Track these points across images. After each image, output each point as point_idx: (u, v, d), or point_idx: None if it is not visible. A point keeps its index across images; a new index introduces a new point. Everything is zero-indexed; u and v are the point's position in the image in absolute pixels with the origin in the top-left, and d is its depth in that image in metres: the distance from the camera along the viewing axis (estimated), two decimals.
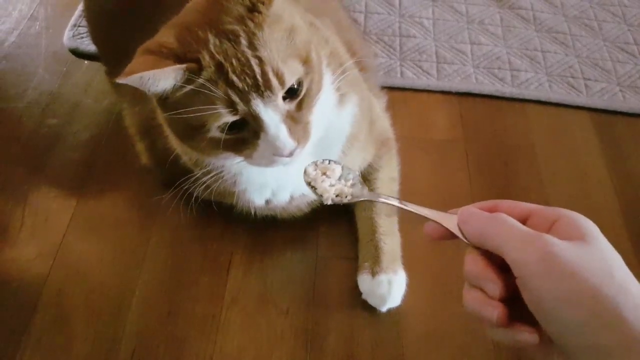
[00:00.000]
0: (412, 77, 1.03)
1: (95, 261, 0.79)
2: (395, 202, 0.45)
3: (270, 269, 0.78)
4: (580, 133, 0.97)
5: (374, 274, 0.73)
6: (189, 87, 0.52)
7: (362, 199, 0.50)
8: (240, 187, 0.69)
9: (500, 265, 0.37)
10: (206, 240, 0.81)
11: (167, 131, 0.67)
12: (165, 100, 0.55)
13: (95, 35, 0.97)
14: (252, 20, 0.52)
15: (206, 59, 0.52)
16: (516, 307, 0.36)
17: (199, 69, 0.52)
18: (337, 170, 0.51)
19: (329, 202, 0.50)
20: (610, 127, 0.98)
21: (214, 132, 0.54)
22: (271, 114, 0.53)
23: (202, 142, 0.56)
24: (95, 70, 1.02)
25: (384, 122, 0.87)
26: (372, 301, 0.74)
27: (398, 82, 1.02)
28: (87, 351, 0.70)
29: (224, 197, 0.76)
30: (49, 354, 0.70)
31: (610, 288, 0.32)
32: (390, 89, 0.99)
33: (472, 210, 0.39)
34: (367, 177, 0.81)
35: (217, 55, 0.51)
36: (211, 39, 0.52)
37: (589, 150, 0.94)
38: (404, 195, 0.82)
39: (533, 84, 1.03)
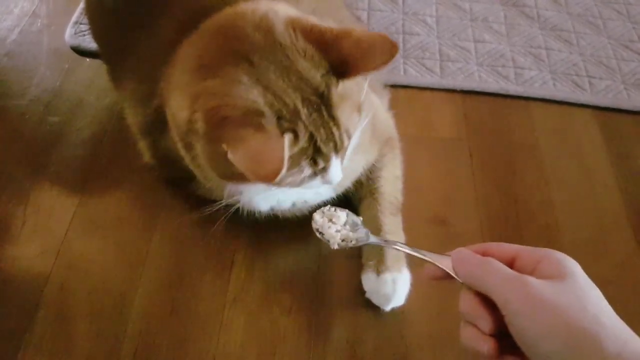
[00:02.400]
0: (415, 75, 1.02)
1: (97, 259, 0.78)
2: (397, 247, 0.51)
3: (273, 267, 0.78)
4: (584, 131, 0.96)
5: (378, 272, 0.73)
6: None
7: (365, 243, 0.55)
8: (249, 195, 0.70)
9: (492, 306, 0.41)
10: (209, 239, 0.80)
11: (203, 167, 0.66)
12: None
13: (96, 33, 0.97)
14: (329, 93, 0.56)
15: (302, 131, 0.55)
16: (508, 343, 0.39)
17: (294, 139, 0.55)
18: (342, 217, 0.56)
19: (335, 247, 0.55)
20: (615, 125, 0.97)
21: (288, 180, 0.58)
22: (337, 163, 0.60)
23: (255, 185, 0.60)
24: (97, 68, 1.01)
25: (387, 122, 0.87)
26: (376, 300, 0.73)
27: (401, 80, 1.01)
28: (89, 349, 0.70)
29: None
30: (51, 352, 0.70)
31: (584, 321, 0.36)
32: (393, 87, 0.98)
33: (465, 254, 0.43)
34: (370, 176, 0.80)
35: (309, 126, 0.56)
36: (301, 108, 0.55)
37: (593, 148, 0.94)
38: (407, 193, 0.82)
39: (537, 82, 1.02)
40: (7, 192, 0.85)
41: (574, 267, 0.39)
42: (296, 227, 0.80)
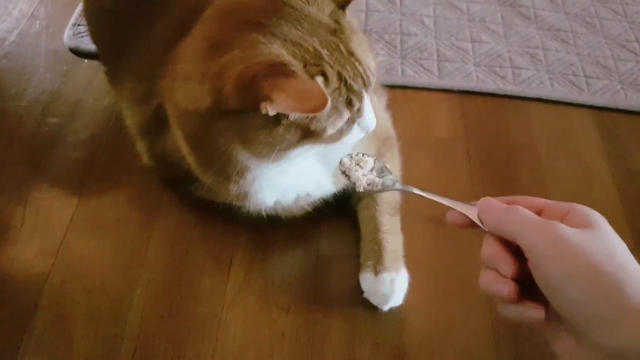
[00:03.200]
0: (413, 76, 1.03)
1: (96, 260, 0.79)
2: (424, 194, 0.51)
3: (272, 268, 0.78)
4: (581, 131, 0.97)
5: (376, 272, 0.73)
6: None
7: (391, 189, 0.56)
8: (259, 186, 0.69)
9: (514, 253, 0.40)
10: (207, 240, 0.81)
11: (234, 143, 0.64)
12: (278, 118, 0.56)
13: (95, 34, 0.97)
14: (341, 28, 0.58)
15: (329, 70, 0.55)
16: (527, 291, 0.40)
17: (325, 82, 0.55)
18: (370, 162, 0.57)
19: (361, 190, 0.56)
20: (612, 124, 0.98)
21: (330, 132, 0.58)
22: (368, 102, 0.60)
23: (305, 144, 0.59)
24: (95, 69, 1.02)
25: (385, 121, 0.87)
26: (374, 300, 0.73)
27: (399, 80, 1.02)
28: (88, 350, 0.70)
29: (218, 195, 0.75)
30: (50, 353, 0.70)
31: (610, 266, 0.36)
32: (391, 87, 0.98)
33: (491, 202, 0.43)
34: None
35: (334, 65, 0.56)
36: (321, 50, 0.56)
37: (590, 148, 0.94)
38: (405, 194, 0.82)
39: (534, 82, 1.02)
40: (6, 193, 0.86)
41: (602, 220, 0.40)
42: (295, 227, 0.81)
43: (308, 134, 0.58)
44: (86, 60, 1.04)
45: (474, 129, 0.96)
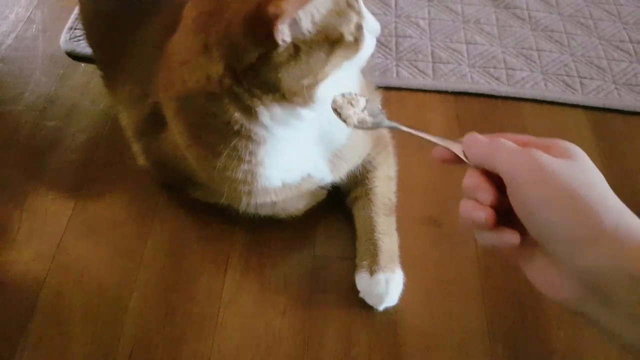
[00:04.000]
0: (408, 77, 1.03)
1: (93, 263, 0.79)
2: (411, 130, 0.51)
3: (268, 269, 0.79)
4: (576, 131, 0.97)
5: (372, 272, 0.74)
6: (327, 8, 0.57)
7: (382, 127, 0.57)
8: (269, 161, 0.68)
9: (496, 180, 0.41)
10: (203, 241, 0.81)
11: (197, 114, 0.66)
12: (297, 44, 0.56)
13: (91, 37, 0.97)
14: None
15: None
16: (504, 222, 0.41)
17: None
18: (362, 102, 0.57)
19: (351, 127, 0.57)
20: (606, 124, 0.98)
21: (349, 38, 0.59)
22: (363, 4, 0.62)
23: (333, 61, 0.59)
24: (91, 73, 1.02)
25: None
26: (369, 300, 0.74)
27: (394, 82, 1.02)
28: (85, 353, 0.71)
29: (215, 194, 0.75)
30: (47, 356, 0.71)
31: (588, 192, 0.37)
32: (386, 89, 0.99)
33: (476, 136, 0.44)
34: (365, 176, 0.81)
35: None
36: None
37: (584, 148, 0.90)
38: (400, 194, 0.83)
39: (529, 83, 1.03)
40: (2, 196, 0.86)
41: (583, 154, 0.40)
42: (290, 228, 0.81)
43: (331, 45, 0.58)
44: (82, 64, 1.05)
45: (468, 129, 0.93)
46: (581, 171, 0.38)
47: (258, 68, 0.58)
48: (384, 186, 0.81)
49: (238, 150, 0.65)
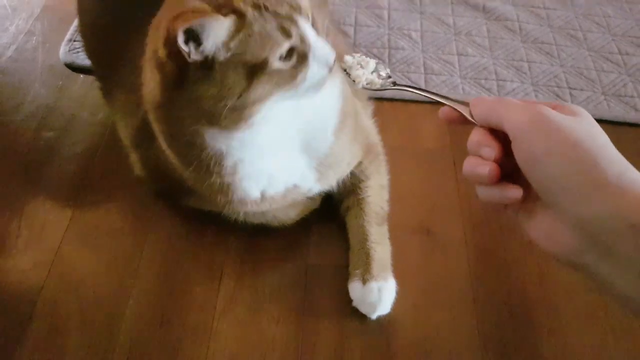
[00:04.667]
0: None
1: (89, 271, 0.80)
2: (419, 91, 0.52)
3: (262, 277, 0.80)
4: None
5: (364, 281, 0.75)
6: (241, 34, 0.56)
7: (389, 89, 0.57)
8: (239, 173, 0.69)
9: (501, 137, 0.42)
10: (198, 250, 0.82)
11: (164, 124, 0.67)
12: (206, 62, 0.57)
13: (90, 49, 0.99)
14: None
15: (241, 4, 0.56)
16: (507, 180, 0.41)
17: (241, 16, 0.56)
18: (372, 64, 0.58)
19: (359, 87, 0.57)
20: None
21: (275, 64, 0.58)
22: (312, 31, 0.60)
23: (257, 87, 0.58)
24: (90, 84, 1.04)
25: (370, 127, 0.89)
26: (362, 308, 0.75)
27: (387, 93, 1.03)
28: None
29: (206, 201, 0.76)
30: None
31: (591, 144, 0.37)
32: (379, 100, 1.01)
33: (484, 97, 0.44)
34: (357, 185, 0.82)
35: None
36: None
37: None
38: (393, 202, 0.84)
39: (519, 94, 1.05)
40: (1, 205, 0.87)
41: (587, 114, 0.41)
42: (284, 237, 0.82)
43: (251, 69, 0.57)
44: (81, 76, 1.06)
45: (460, 139, 0.97)
46: (586, 125, 0.39)
47: (182, 90, 0.59)
48: (376, 195, 0.83)
49: (205, 161, 0.66)
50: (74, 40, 1.11)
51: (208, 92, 0.59)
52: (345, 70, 0.58)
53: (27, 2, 1.21)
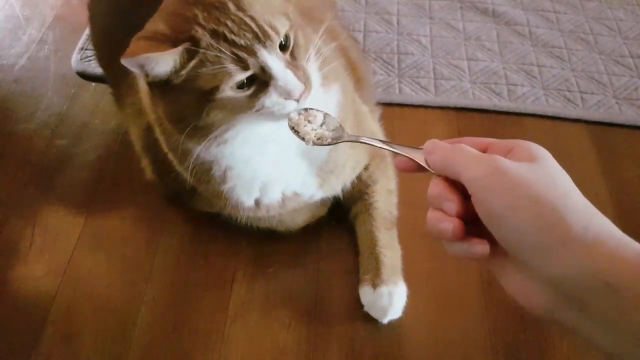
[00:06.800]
0: (410, 94, 1.05)
1: (102, 277, 0.81)
2: (371, 142, 0.51)
3: (273, 283, 0.80)
4: (577, 145, 0.98)
5: (375, 286, 0.75)
6: (193, 62, 0.55)
7: (342, 141, 0.54)
8: (229, 183, 0.69)
9: (460, 194, 0.40)
10: (210, 256, 0.83)
11: (160, 129, 0.68)
12: (166, 83, 0.57)
13: (101, 58, 1.00)
14: None
15: (199, 31, 0.55)
16: (473, 231, 0.39)
17: (196, 43, 0.55)
18: (319, 116, 0.56)
19: (310, 145, 0.54)
20: (607, 139, 0.99)
21: (227, 92, 0.56)
22: (276, 61, 0.56)
23: (211, 112, 0.58)
24: (102, 92, 1.05)
25: (377, 130, 0.88)
26: (373, 313, 0.75)
27: (396, 98, 1.04)
28: None
29: (212, 204, 0.77)
30: None
31: (552, 196, 0.35)
32: (389, 105, 1.01)
33: (437, 142, 0.42)
34: (364, 191, 0.82)
35: (208, 25, 0.55)
36: (199, 13, 0.56)
37: (586, 162, 0.96)
38: (403, 207, 0.84)
39: (530, 98, 1.04)
40: (15, 213, 0.88)
41: (545, 153, 0.39)
42: (294, 243, 0.83)
43: (203, 94, 0.56)
44: (93, 84, 1.08)
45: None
46: (544, 174, 0.37)
47: (155, 98, 0.61)
48: (384, 200, 0.82)
49: (198, 167, 0.67)
50: (86, 49, 1.12)
51: (172, 109, 0.60)
52: (292, 127, 0.56)
53: (39, 12, 1.23)
